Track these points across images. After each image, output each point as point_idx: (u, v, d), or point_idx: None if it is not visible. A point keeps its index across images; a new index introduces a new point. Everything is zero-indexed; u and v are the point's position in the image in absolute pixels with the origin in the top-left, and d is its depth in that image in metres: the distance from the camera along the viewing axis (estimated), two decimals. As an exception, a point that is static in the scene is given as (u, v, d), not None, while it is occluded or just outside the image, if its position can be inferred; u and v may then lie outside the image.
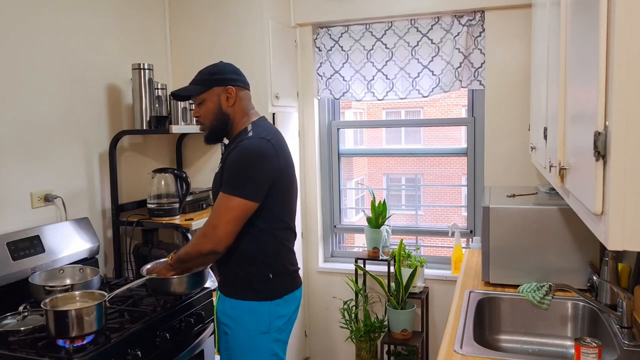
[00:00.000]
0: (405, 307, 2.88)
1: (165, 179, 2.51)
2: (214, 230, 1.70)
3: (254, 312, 1.78)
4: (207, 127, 1.84)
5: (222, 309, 1.85)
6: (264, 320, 1.78)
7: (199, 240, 1.74)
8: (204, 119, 1.83)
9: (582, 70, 1.12)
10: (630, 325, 1.55)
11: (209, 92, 1.81)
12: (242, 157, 1.71)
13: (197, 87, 1.81)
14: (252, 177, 1.70)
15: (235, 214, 1.69)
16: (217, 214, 1.71)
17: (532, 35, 2.48)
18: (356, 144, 8.38)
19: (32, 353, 1.59)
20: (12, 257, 1.96)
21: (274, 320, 1.79)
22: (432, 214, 9.52)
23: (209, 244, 1.71)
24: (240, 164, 1.71)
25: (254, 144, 1.73)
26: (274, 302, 1.79)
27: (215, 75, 1.81)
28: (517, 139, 2.79)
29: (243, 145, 1.72)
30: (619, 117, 0.89)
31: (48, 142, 2.24)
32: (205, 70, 1.84)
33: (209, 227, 1.72)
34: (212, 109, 1.82)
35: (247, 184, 1.69)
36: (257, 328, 1.78)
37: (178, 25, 2.98)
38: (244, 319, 1.78)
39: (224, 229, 1.69)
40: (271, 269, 1.79)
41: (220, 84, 1.81)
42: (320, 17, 3.06)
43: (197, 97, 1.82)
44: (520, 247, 2.01)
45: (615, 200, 0.91)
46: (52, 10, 2.26)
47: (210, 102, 1.81)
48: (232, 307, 1.81)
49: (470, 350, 1.52)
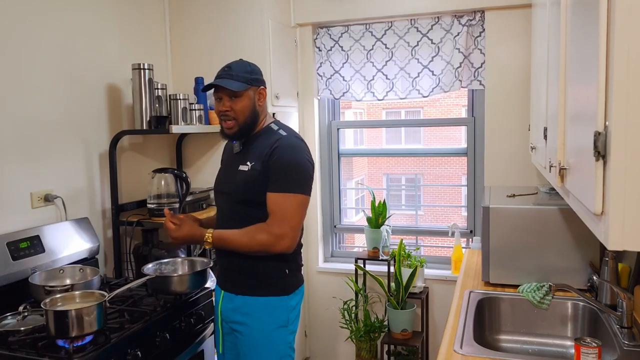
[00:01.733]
0: (405, 307, 2.88)
1: (165, 179, 2.51)
2: (293, 232, 1.75)
3: (272, 307, 1.81)
4: (239, 123, 1.83)
5: (232, 307, 1.86)
6: (282, 314, 1.83)
7: (270, 239, 1.74)
8: (237, 115, 1.82)
9: (582, 70, 1.12)
10: (630, 325, 1.55)
11: (248, 90, 1.83)
12: (293, 155, 1.77)
13: (240, 84, 1.81)
14: (307, 173, 1.79)
15: (304, 211, 1.79)
16: (290, 214, 1.74)
17: (532, 35, 2.48)
18: (356, 144, 8.38)
19: (32, 353, 1.59)
20: (12, 257, 1.96)
21: (290, 313, 1.85)
22: (432, 214, 9.52)
23: (286, 243, 1.75)
24: (294, 161, 1.77)
25: (296, 143, 1.82)
26: (289, 297, 1.84)
27: (252, 74, 1.84)
28: (517, 139, 2.79)
29: (289, 144, 1.79)
30: (619, 117, 0.89)
31: (48, 142, 2.24)
32: (239, 67, 1.84)
33: (285, 227, 1.73)
34: (248, 106, 1.83)
35: (306, 179, 1.78)
36: (275, 322, 1.81)
37: (178, 25, 2.98)
38: (261, 315, 1.81)
39: (298, 228, 1.77)
40: (288, 265, 1.84)
41: (257, 83, 1.85)
42: (320, 17, 3.06)
43: (236, 93, 1.81)
44: (520, 247, 2.01)
45: (615, 200, 0.91)
46: (52, 11, 2.26)
47: (247, 100, 1.83)
48: (246, 304, 1.83)
49: (470, 350, 1.52)
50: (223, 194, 1.92)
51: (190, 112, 2.66)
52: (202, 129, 2.69)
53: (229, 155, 1.98)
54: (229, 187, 1.87)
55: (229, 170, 1.91)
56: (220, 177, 1.98)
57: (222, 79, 1.82)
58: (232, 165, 1.89)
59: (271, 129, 1.88)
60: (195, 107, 2.69)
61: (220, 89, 1.82)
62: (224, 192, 1.90)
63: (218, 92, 1.83)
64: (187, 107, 2.64)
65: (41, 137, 2.21)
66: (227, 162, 1.98)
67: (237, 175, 1.84)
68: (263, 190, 1.78)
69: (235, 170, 1.86)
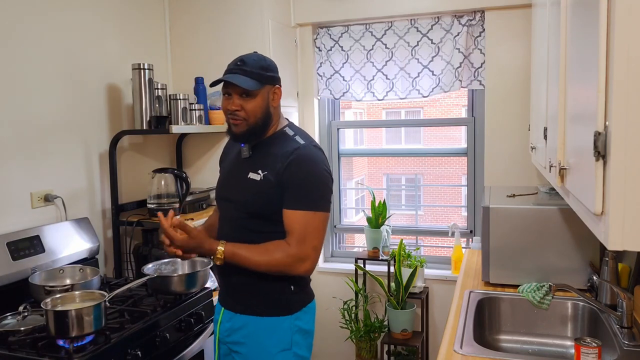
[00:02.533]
0: (405, 307, 2.88)
1: (165, 179, 2.51)
2: (315, 253, 1.61)
3: (273, 329, 1.64)
4: (249, 123, 1.62)
5: (231, 327, 1.70)
6: (284, 336, 1.65)
7: (290, 260, 1.58)
8: (249, 115, 1.61)
9: (582, 70, 1.12)
10: (630, 325, 1.55)
11: (262, 88, 1.63)
12: (313, 169, 1.61)
13: (254, 82, 1.60)
14: (328, 187, 1.65)
15: (325, 230, 1.64)
16: (312, 233, 1.59)
17: (532, 35, 2.48)
18: (356, 144, 8.38)
19: (32, 353, 1.59)
20: (12, 257, 1.96)
21: (294, 335, 1.66)
22: (432, 214, 9.52)
23: (307, 266, 1.61)
24: (314, 175, 1.61)
25: (316, 154, 1.65)
26: (293, 316, 1.66)
27: (268, 71, 1.64)
28: (517, 139, 2.79)
29: (308, 155, 1.62)
30: (619, 117, 0.89)
31: (48, 142, 2.24)
32: (253, 62, 1.62)
33: (307, 248, 1.59)
34: (261, 107, 1.63)
35: (326, 195, 1.64)
36: (277, 345, 1.64)
37: (178, 25, 2.98)
38: (262, 337, 1.64)
39: (320, 249, 1.63)
40: (293, 280, 1.67)
41: (272, 82, 1.66)
42: (320, 17, 3.06)
43: (249, 92, 1.61)
44: (520, 247, 2.01)
45: (615, 200, 0.91)
46: (52, 11, 2.26)
47: (261, 100, 1.62)
48: (246, 324, 1.67)
49: (470, 350, 1.52)
50: (229, 202, 1.72)
51: (190, 112, 2.66)
52: (202, 129, 2.69)
53: (234, 159, 1.77)
54: (236, 195, 1.69)
55: (236, 176, 1.71)
56: (225, 181, 1.78)
57: (234, 74, 1.61)
58: (240, 170, 1.70)
59: (286, 134, 1.69)
60: (195, 107, 2.69)
61: (231, 86, 1.61)
62: (230, 199, 1.71)
63: (228, 87, 1.63)
64: (187, 107, 2.64)
65: (41, 137, 2.21)
66: (232, 165, 1.77)
67: (246, 183, 1.66)
68: (277, 204, 1.61)
69: (244, 177, 1.67)
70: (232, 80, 1.58)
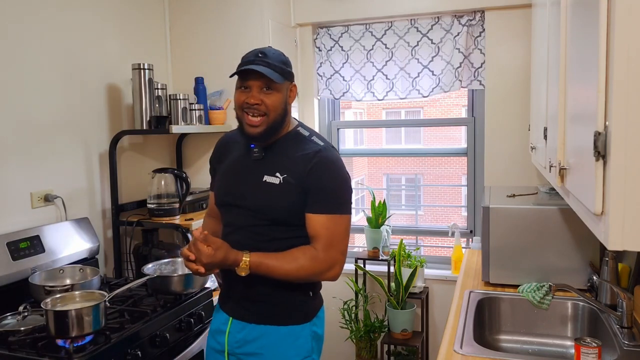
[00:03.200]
0: (405, 307, 2.88)
1: (165, 179, 2.51)
2: (343, 257, 1.56)
3: (294, 337, 1.58)
4: (269, 120, 1.52)
5: (244, 337, 1.59)
6: (305, 344, 1.59)
7: (320, 267, 1.52)
8: (269, 109, 1.51)
9: (582, 70, 1.12)
10: (630, 325, 1.55)
11: (284, 83, 1.55)
12: (338, 172, 1.56)
13: (278, 75, 1.51)
14: (351, 190, 1.61)
15: (349, 233, 1.60)
16: (339, 238, 1.54)
17: (532, 35, 2.48)
18: (356, 144, 8.38)
19: (32, 353, 1.59)
20: (12, 257, 1.95)
21: (312, 341, 1.61)
22: (432, 214, 9.53)
23: (336, 271, 1.55)
24: (340, 179, 1.56)
25: (337, 156, 1.59)
26: (311, 323, 1.61)
27: (288, 67, 1.57)
28: (517, 139, 2.79)
29: (331, 158, 1.56)
30: (619, 117, 0.89)
31: (48, 142, 2.24)
32: (275, 56, 1.54)
33: (336, 253, 1.53)
34: (282, 102, 1.54)
35: (350, 198, 1.60)
36: (298, 354, 1.58)
37: (178, 25, 2.98)
38: (282, 346, 1.57)
39: (346, 252, 1.58)
40: (312, 287, 1.62)
41: (291, 78, 1.59)
42: (320, 17, 3.06)
43: (272, 84, 1.51)
44: (520, 247, 2.01)
45: (615, 200, 0.91)
46: (52, 10, 2.26)
47: (282, 95, 1.54)
48: (263, 334, 1.57)
49: (470, 350, 1.52)
50: (238, 208, 1.59)
51: (190, 112, 2.66)
52: (202, 129, 2.69)
53: (240, 160, 1.64)
54: (250, 200, 1.56)
55: (247, 180, 1.59)
56: (231, 186, 1.63)
57: (257, 65, 1.50)
58: (252, 173, 1.58)
59: (300, 134, 1.61)
60: (195, 107, 2.69)
61: (252, 77, 1.50)
62: (241, 205, 1.58)
63: (248, 80, 1.51)
64: (187, 107, 2.64)
65: (41, 137, 2.21)
66: (238, 168, 1.63)
67: (262, 187, 1.55)
68: (298, 208, 1.53)
69: (258, 180, 1.55)
70: (261, 70, 1.48)
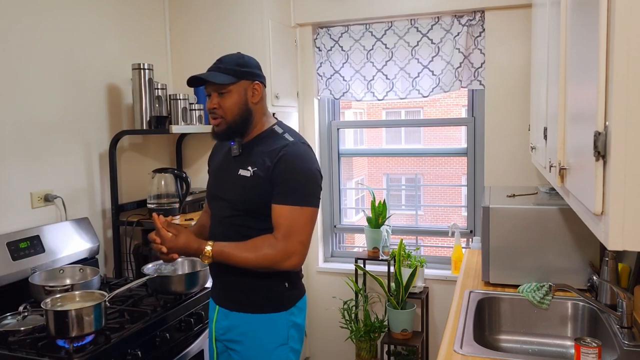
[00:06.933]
0: (405, 307, 2.88)
1: (165, 179, 2.51)
2: (303, 247, 1.61)
3: (270, 325, 1.67)
4: (227, 121, 1.65)
5: (227, 325, 1.71)
6: (281, 331, 1.68)
7: (278, 255, 1.59)
8: (225, 112, 1.64)
9: (582, 70, 1.12)
10: (630, 325, 1.55)
11: (237, 84, 1.64)
12: (302, 165, 1.63)
13: (227, 77, 1.62)
14: (316, 183, 1.65)
15: (313, 225, 1.64)
16: (299, 228, 1.59)
17: (532, 35, 2.48)
18: (356, 144, 8.38)
19: (32, 353, 1.59)
20: (12, 257, 1.96)
21: (290, 330, 1.70)
22: (432, 214, 9.52)
23: (295, 261, 1.60)
24: (303, 171, 1.62)
25: (305, 150, 1.66)
26: (288, 312, 1.69)
27: (243, 67, 1.65)
28: (517, 139, 2.79)
29: (297, 152, 1.63)
30: (619, 117, 0.89)
31: (48, 142, 2.24)
32: (230, 60, 1.66)
33: (294, 243, 1.59)
34: (238, 102, 1.65)
35: (315, 191, 1.65)
36: (274, 341, 1.67)
37: (178, 25, 2.98)
38: (259, 333, 1.66)
39: (307, 244, 1.63)
40: (287, 277, 1.69)
41: (249, 77, 1.66)
42: (320, 17, 3.06)
43: (223, 87, 1.63)
44: (520, 247, 2.01)
45: (615, 200, 0.91)
46: (52, 10, 2.26)
47: (237, 95, 1.64)
48: (243, 322, 1.68)
49: (470, 350, 1.52)
50: (221, 200, 1.73)
51: (190, 112, 2.66)
52: (202, 129, 2.69)
53: (224, 157, 1.79)
54: (228, 193, 1.70)
55: (227, 174, 1.73)
56: (215, 180, 1.80)
57: (210, 72, 1.65)
58: (231, 168, 1.72)
59: (275, 131, 1.71)
60: (195, 107, 2.69)
61: (209, 84, 1.64)
62: (223, 197, 1.72)
63: (207, 87, 1.67)
64: (187, 107, 2.65)
65: (41, 137, 2.21)
66: (222, 164, 1.79)
67: (237, 180, 1.67)
68: (267, 200, 1.62)
69: (235, 175, 1.68)
70: (203, 76, 1.62)
